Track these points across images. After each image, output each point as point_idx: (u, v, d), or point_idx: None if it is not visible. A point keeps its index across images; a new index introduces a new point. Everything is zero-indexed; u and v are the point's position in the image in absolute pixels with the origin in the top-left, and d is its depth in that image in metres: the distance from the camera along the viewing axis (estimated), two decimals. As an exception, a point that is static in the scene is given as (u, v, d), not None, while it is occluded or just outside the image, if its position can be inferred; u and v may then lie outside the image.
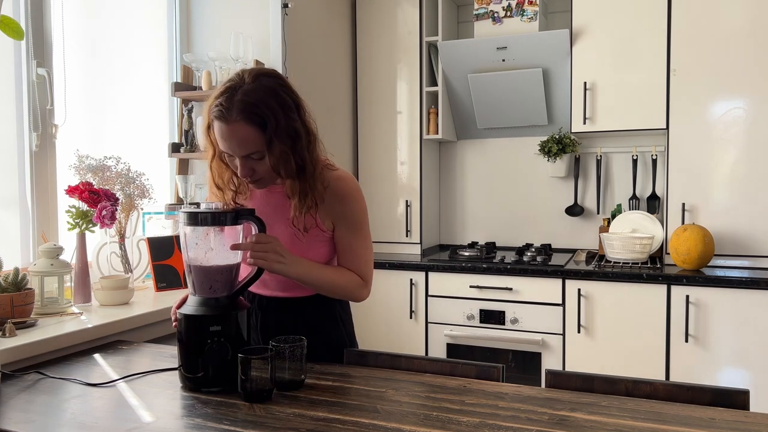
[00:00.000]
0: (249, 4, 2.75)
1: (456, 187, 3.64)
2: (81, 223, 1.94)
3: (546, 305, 2.81)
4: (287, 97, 1.33)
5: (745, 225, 2.72)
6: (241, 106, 1.28)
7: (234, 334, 1.32)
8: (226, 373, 1.29)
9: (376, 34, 3.34)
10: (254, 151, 1.32)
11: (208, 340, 1.28)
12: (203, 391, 1.30)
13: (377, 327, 3.13)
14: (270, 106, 1.29)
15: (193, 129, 2.64)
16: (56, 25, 2.15)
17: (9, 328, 1.57)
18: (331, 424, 1.13)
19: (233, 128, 1.29)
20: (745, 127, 2.71)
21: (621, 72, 2.91)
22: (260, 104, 1.29)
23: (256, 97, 1.29)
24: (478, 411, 1.19)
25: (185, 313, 1.31)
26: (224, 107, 1.29)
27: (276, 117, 1.29)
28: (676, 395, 1.30)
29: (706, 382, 2.55)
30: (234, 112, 1.28)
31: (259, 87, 1.31)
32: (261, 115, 1.29)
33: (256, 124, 1.29)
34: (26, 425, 1.15)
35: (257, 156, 1.33)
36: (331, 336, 1.57)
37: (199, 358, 1.29)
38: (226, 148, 1.34)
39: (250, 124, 1.29)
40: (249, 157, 1.33)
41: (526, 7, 3.07)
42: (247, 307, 1.37)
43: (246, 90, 1.30)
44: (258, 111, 1.28)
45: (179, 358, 1.33)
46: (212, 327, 1.29)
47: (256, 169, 1.36)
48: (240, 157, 1.33)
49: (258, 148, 1.31)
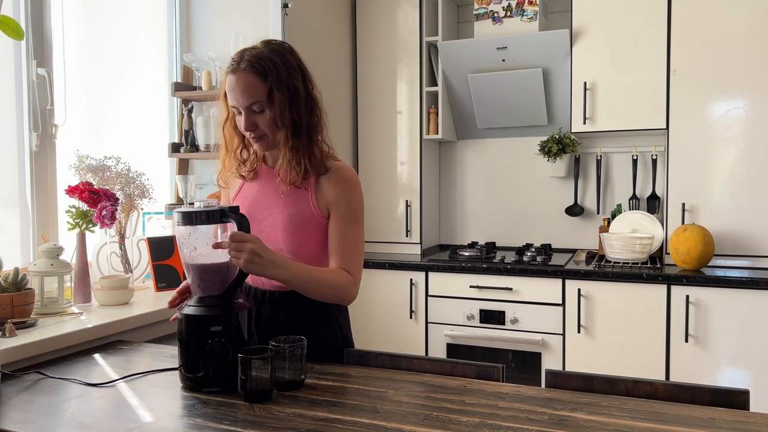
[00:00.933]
0: (249, 4, 2.75)
1: (456, 187, 3.64)
2: (81, 223, 1.94)
3: (546, 305, 2.81)
4: (291, 60, 1.47)
5: (745, 225, 2.72)
6: (249, 58, 1.43)
7: (234, 334, 1.31)
8: (227, 373, 1.29)
9: (376, 34, 3.34)
10: (256, 100, 1.43)
11: (209, 340, 1.28)
12: (203, 390, 1.30)
13: (377, 327, 3.13)
14: (273, 61, 1.43)
15: (193, 129, 2.64)
16: (56, 25, 2.15)
17: (9, 328, 1.57)
18: (331, 424, 1.13)
19: (239, 77, 1.42)
20: (745, 127, 2.71)
21: (621, 72, 2.91)
22: (265, 58, 1.43)
23: (262, 53, 1.44)
24: (478, 411, 1.19)
25: (186, 313, 1.31)
26: (235, 61, 1.45)
27: (278, 71, 1.43)
28: (676, 395, 1.30)
29: (706, 382, 2.55)
30: (242, 64, 1.43)
31: (267, 48, 1.46)
32: (264, 67, 1.42)
33: (259, 74, 1.42)
34: (26, 425, 1.15)
35: (258, 107, 1.44)
36: (324, 333, 1.56)
37: (200, 358, 1.29)
38: (233, 100, 1.45)
39: (254, 73, 1.42)
40: (251, 109, 1.44)
41: (526, 7, 3.07)
42: (248, 307, 1.36)
43: (256, 49, 1.46)
44: (262, 63, 1.42)
45: (180, 358, 1.33)
46: (213, 327, 1.29)
47: (257, 123, 1.45)
48: (244, 108, 1.44)
49: (259, 97, 1.42)
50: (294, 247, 1.49)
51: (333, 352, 1.57)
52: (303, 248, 1.50)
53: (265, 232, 1.51)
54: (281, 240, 1.50)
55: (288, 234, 1.49)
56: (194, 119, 2.63)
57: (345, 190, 1.50)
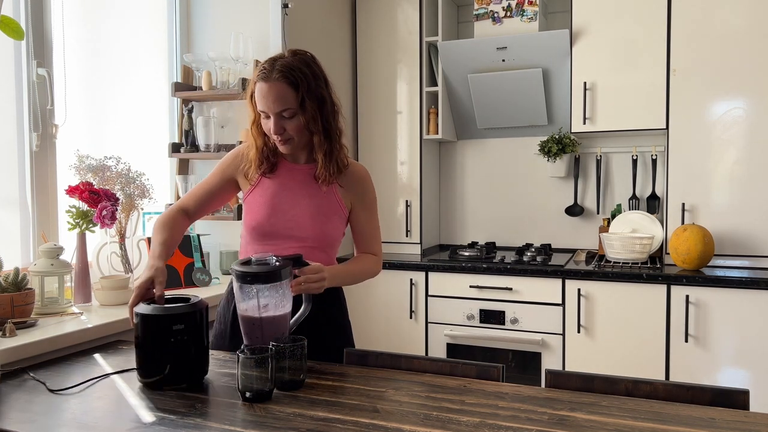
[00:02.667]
0: (249, 4, 2.75)
1: (456, 187, 3.64)
2: (81, 223, 1.94)
3: (546, 305, 2.81)
4: (317, 70, 1.58)
5: (745, 225, 2.72)
6: (281, 68, 1.52)
7: (195, 332, 1.34)
8: (189, 370, 1.33)
9: (376, 34, 3.34)
10: (287, 107, 1.52)
11: (171, 338, 1.31)
12: (164, 389, 1.32)
13: (377, 327, 3.13)
14: (303, 72, 1.53)
15: (193, 129, 2.64)
16: (56, 25, 2.15)
17: (9, 328, 1.57)
18: (331, 424, 1.13)
19: (272, 86, 1.52)
20: (745, 127, 2.71)
21: (621, 72, 2.91)
22: (296, 69, 1.53)
23: (293, 64, 1.54)
24: (478, 411, 1.19)
25: (144, 314, 1.32)
26: (267, 70, 1.53)
27: (308, 81, 1.53)
28: (676, 395, 1.30)
29: (706, 382, 2.55)
30: (274, 73, 1.52)
31: (295, 58, 1.56)
32: (296, 77, 1.52)
33: (291, 84, 1.52)
34: (26, 425, 1.15)
35: (288, 114, 1.53)
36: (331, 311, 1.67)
37: (161, 357, 1.31)
38: (263, 106, 1.54)
39: (287, 83, 1.52)
40: (281, 114, 1.53)
41: (526, 8, 3.07)
42: (206, 306, 1.39)
43: (285, 59, 1.55)
44: (294, 74, 1.52)
45: (137, 358, 1.34)
46: (175, 326, 1.31)
47: (286, 127, 1.55)
48: (274, 114, 1.53)
49: (290, 105, 1.52)
50: (319, 233, 1.63)
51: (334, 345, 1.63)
52: (327, 234, 1.65)
53: (293, 220, 1.63)
54: (309, 226, 1.63)
55: (315, 222, 1.63)
56: (194, 119, 2.64)
57: (365, 186, 1.70)
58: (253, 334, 1.39)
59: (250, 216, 1.65)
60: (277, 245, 1.61)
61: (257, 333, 1.39)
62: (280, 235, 1.61)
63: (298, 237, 1.61)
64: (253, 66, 2.60)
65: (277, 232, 1.61)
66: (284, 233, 1.61)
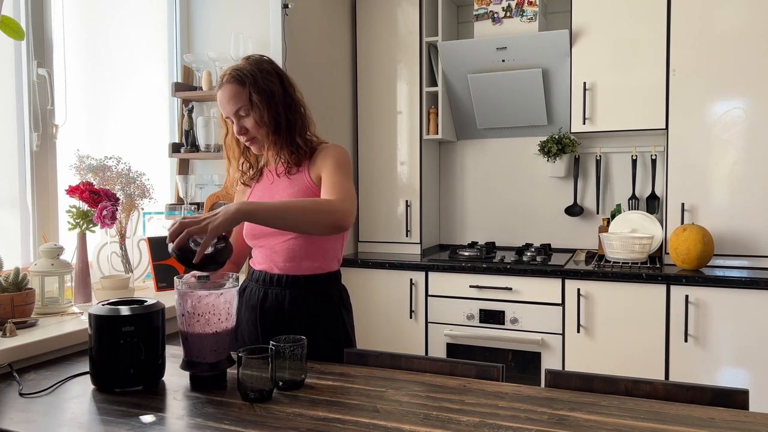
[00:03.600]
0: (249, 4, 2.75)
1: (456, 187, 3.64)
2: (81, 223, 1.94)
3: (546, 305, 2.81)
4: (268, 67, 1.64)
5: (745, 225, 2.72)
6: (230, 72, 1.62)
7: (147, 334, 1.33)
8: (143, 372, 1.32)
9: (376, 34, 3.34)
10: (240, 105, 1.59)
11: (121, 340, 1.30)
12: (117, 392, 1.31)
13: (377, 327, 3.13)
14: (251, 71, 1.60)
15: (193, 129, 2.64)
16: (56, 25, 2.15)
17: (9, 328, 1.57)
18: (331, 423, 1.13)
19: (223, 90, 1.61)
20: (744, 127, 2.71)
21: (621, 72, 2.92)
22: (243, 69, 1.61)
23: (242, 66, 1.62)
24: (478, 411, 1.19)
25: (95, 314, 1.32)
26: (220, 78, 1.63)
27: (254, 77, 1.59)
28: (675, 395, 1.30)
29: (706, 381, 2.56)
30: (226, 77, 1.62)
31: (246, 62, 1.64)
32: (242, 76, 1.60)
33: (239, 82, 1.60)
34: (26, 425, 1.15)
35: (244, 111, 1.60)
36: (325, 322, 1.64)
37: (113, 358, 1.30)
38: (223, 111, 1.63)
39: (235, 83, 1.60)
40: (238, 114, 1.60)
41: (526, 8, 3.08)
42: (162, 308, 1.38)
43: (237, 65, 1.65)
44: (241, 74, 1.60)
45: (90, 360, 1.34)
46: (125, 327, 1.30)
47: (247, 127, 1.61)
48: (231, 115, 1.61)
49: (242, 102, 1.59)
50: None
51: (332, 344, 1.63)
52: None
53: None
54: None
55: None
56: (194, 119, 2.64)
57: (328, 153, 1.64)
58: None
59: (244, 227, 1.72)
60: (267, 243, 1.65)
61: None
62: (265, 233, 1.64)
63: (281, 232, 1.61)
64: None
65: (262, 232, 1.64)
66: (268, 231, 1.62)
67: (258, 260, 1.71)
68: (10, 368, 1.46)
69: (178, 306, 1.34)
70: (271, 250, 1.66)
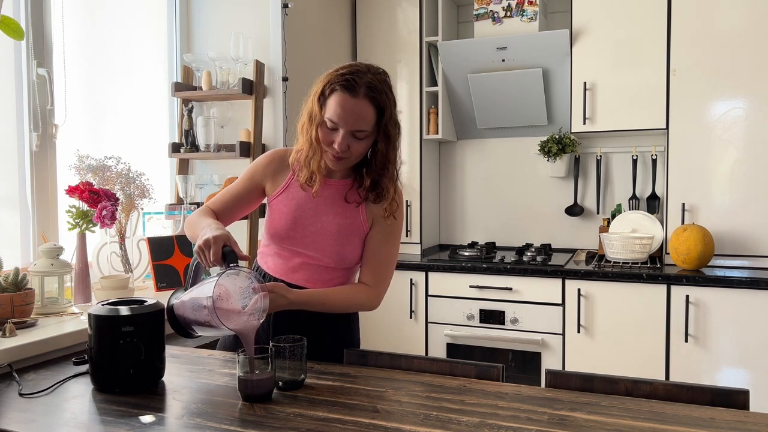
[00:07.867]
0: (249, 4, 2.75)
1: (456, 187, 3.64)
2: (81, 223, 1.94)
3: (546, 305, 2.81)
4: (393, 96, 1.49)
5: (745, 225, 2.72)
6: (370, 86, 1.41)
7: (147, 335, 1.33)
8: (142, 372, 1.32)
9: (376, 33, 3.34)
10: (363, 129, 1.43)
11: (120, 340, 1.30)
12: (116, 392, 1.30)
13: (377, 327, 3.13)
14: (389, 97, 1.46)
15: (193, 129, 2.64)
16: (56, 25, 2.15)
17: (9, 328, 1.57)
18: (331, 424, 1.13)
19: (358, 102, 1.41)
20: (745, 127, 2.71)
21: (621, 72, 2.91)
22: (383, 92, 1.44)
23: (380, 85, 1.44)
24: (478, 411, 1.19)
25: (95, 314, 1.31)
26: (354, 81, 1.41)
27: (391, 107, 1.46)
28: (676, 395, 1.30)
29: (706, 382, 2.55)
30: (363, 89, 1.41)
31: (378, 77, 1.45)
32: (382, 101, 1.43)
33: (377, 107, 1.43)
34: (26, 425, 1.15)
35: (362, 135, 1.44)
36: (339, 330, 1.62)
37: (112, 358, 1.30)
38: (338, 118, 1.41)
39: (373, 105, 1.42)
40: (353, 134, 1.43)
41: (526, 7, 3.07)
42: (161, 308, 1.38)
43: (370, 76, 1.43)
44: (381, 97, 1.43)
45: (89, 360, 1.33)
46: (125, 327, 1.30)
47: (351, 147, 1.44)
48: (346, 131, 1.42)
49: (368, 128, 1.43)
50: (338, 255, 1.55)
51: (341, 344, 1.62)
52: (346, 256, 1.56)
53: (311, 237, 1.54)
54: (328, 246, 1.54)
55: (336, 242, 1.54)
56: (194, 119, 2.64)
57: (394, 211, 1.55)
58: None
59: (271, 221, 1.58)
60: (294, 251, 1.55)
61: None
62: (298, 244, 1.55)
63: (313, 254, 1.54)
64: (253, 66, 2.60)
65: (295, 243, 1.55)
66: (301, 245, 1.54)
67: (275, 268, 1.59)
68: (9, 368, 1.45)
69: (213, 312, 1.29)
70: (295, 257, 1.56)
